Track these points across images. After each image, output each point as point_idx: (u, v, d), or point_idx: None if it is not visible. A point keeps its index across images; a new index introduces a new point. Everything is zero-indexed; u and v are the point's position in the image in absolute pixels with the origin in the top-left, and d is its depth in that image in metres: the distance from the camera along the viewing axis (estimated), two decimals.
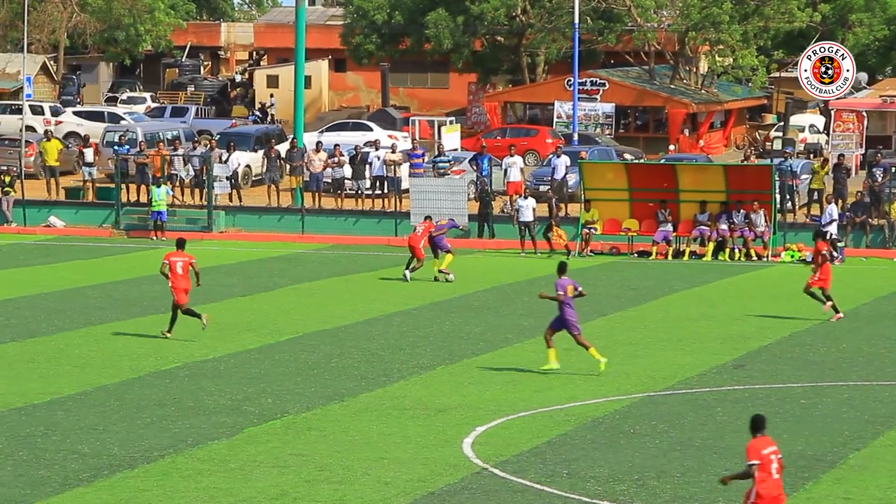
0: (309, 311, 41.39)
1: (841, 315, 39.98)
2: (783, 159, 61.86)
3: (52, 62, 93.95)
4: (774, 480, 19.86)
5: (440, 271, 46.98)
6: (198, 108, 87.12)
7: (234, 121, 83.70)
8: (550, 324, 33.09)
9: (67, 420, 28.41)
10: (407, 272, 46.59)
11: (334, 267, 50.22)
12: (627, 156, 70.56)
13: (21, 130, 69.43)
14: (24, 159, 66.89)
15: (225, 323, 39.26)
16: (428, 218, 48.62)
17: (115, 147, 63.86)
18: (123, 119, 78.31)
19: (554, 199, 56.54)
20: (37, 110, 79.26)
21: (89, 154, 63.45)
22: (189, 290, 36.80)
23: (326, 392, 31.08)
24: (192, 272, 36.78)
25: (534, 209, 54.71)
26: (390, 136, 74.39)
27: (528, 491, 23.96)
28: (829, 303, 40.17)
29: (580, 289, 33.02)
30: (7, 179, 61.11)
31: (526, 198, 55.29)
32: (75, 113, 79.64)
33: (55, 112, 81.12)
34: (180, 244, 38.02)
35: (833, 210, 53.32)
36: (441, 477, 24.73)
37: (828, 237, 48.36)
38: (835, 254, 51.41)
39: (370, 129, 78.46)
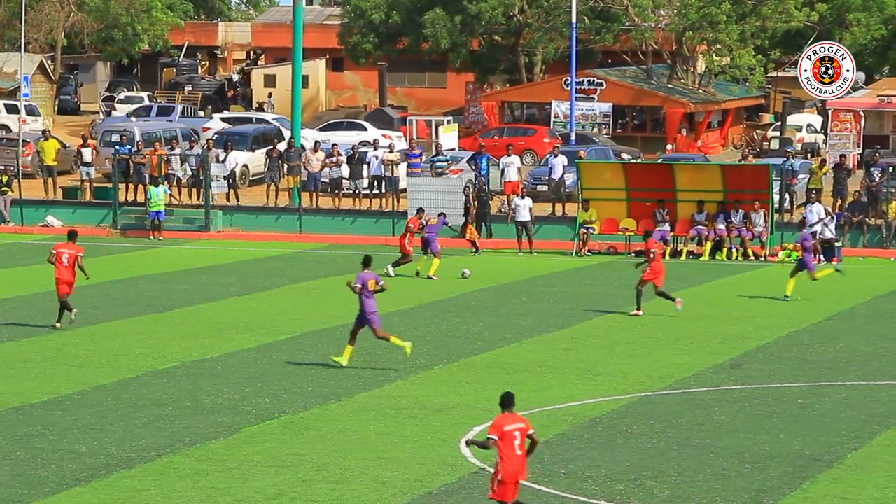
0: (306, 311, 41.40)
1: (679, 303, 40.25)
2: (785, 159, 61.87)
3: (49, 61, 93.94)
4: (517, 456, 20.57)
5: (428, 277, 46.99)
6: (184, 107, 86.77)
7: (204, 125, 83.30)
8: (356, 319, 33.36)
9: (65, 420, 28.41)
10: (389, 267, 46.81)
11: (332, 266, 50.22)
12: (625, 155, 70.62)
13: (19, 129, 69.50)
14: (22, 159, 66.91)
15: (223, 322, 39.29)
16: (420, 210, 48.72)
17: (116, 147, 63.82)
18: (271, 123, 77.84)
19: (472, 197, 56.58)
20: (12, 109, 79.25)
21: (87, 153, 63.44)
22: (73, 283, 37.20)
23: (324, 392, 31.09)
24: (78, 266, 37.18)
25: (530, 209, 54.77)
26: (385, 136, 74.43)
27: (526, 491, 23.93)
28: (662, 299, 40.42)
29: (382, 283, 33.42)
30: (4, 179, 61.11)
31: (523, 197, 55.35)
32: (223, 119, 78.84)
33: (30, 112, 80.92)
34: (71, 236, 38.45)
35: (819, 209, 53.11)
36: (438, 476, 24.74)
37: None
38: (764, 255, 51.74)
39: (365, 129, 78.52)
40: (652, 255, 40.46)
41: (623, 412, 29.66)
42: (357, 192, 62.50)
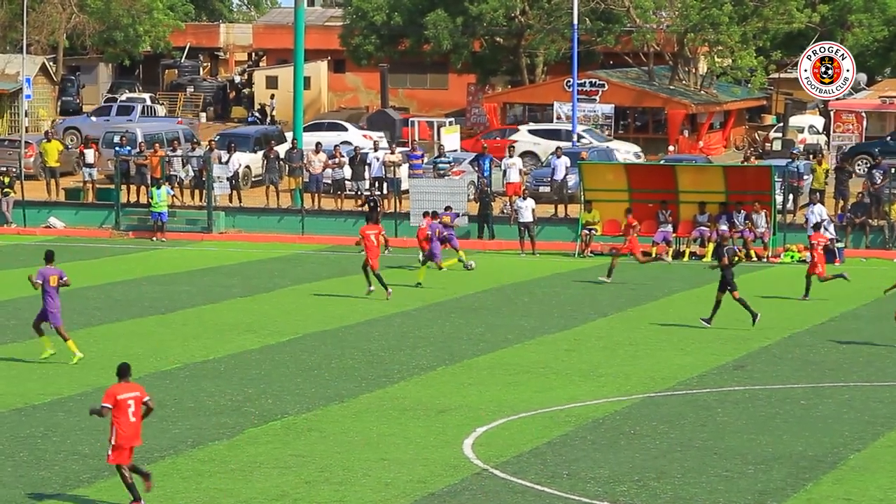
0: (309, 312, 41.40)
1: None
2: (790, 161, 61.83)
3: (51, 63, 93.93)
4: (131, 423, 22.42)
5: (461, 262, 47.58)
6: (143, 107, 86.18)
7: (179, 119, 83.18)
8: (38, 314, 33.64)
9: (68, 421, 28.42)
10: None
11: (334, 268, 50.21)
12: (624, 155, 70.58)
13: (21, 131, 69.48)
14: (24, 160, 66.91)
15: (225, 324, 39.30)
16: (428, 214, 48.66)
17: (117, 148, 63.81)
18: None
19: (376, 199, 57.82)
20: None
21: (90, 155, 63.45)
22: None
23: (327, 393, 31.10)
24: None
25: (533, 210, 54.80)
26: (365, 136, 74.61)
27: (529, 492, 23.97)
28: None
29: (65, 278, 33.41)
30: (7, 180, 61.13)
31: (525, 198, 55.35)
32: (531, 132, 78.14)
33: None
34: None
35: (821, 210, 53.17)
36: (441, 478, 24.74)
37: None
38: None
39: (346, 129, 78.62)
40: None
41: (626, 413, 29.66)
42: (359, 193, 62.51)
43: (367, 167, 62.83)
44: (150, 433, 27.44)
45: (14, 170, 63.68)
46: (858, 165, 69.59)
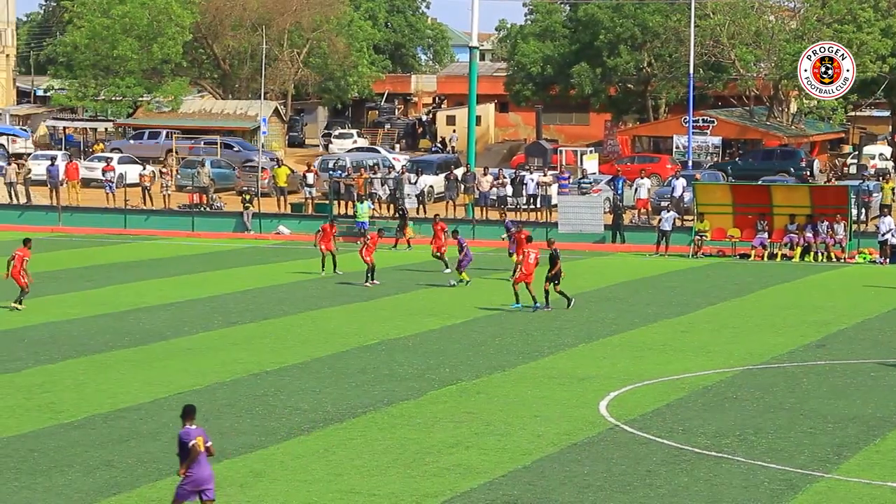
0: (477, 301, 41.39)
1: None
2: (862, 181, 60.71)
3: (281, 106, 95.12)
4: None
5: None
6: (167, 132, 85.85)
7: (190, 144, 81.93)
8: None
9: (292, 383, 28.73)
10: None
11: (498, 265, 50.18)
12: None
13: (258, 158, 70.35)
14: (261, 181, 67.80)
15: (413, 309, 39.44)
16: (437, 216, 48.07)
17: (330, 172, 64.42)
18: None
19: (405, 209, 58.13)
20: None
21: (310, 177, 64.12)
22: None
23: (492, 364, 31.10)
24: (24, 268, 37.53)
25: (674, 221, 54.51)
26: (395, 159, 75.98)
27: (651, 443, 23.80)
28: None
29: (209, 444, 28.58)
30: (248, 197, 62.02)
31: (669, 211, 55.05)
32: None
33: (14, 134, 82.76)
34: (26, 242, 38.89)
35: (889, 221, 52.35)
36: (582, 431, 24.64)
37: (886, 244, 47.76)
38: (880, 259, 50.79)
39: (378, 152, 79.40)
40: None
41: (729, 382, 29.33)
42: (518, 207, 62.50)
43: (524, 186, 62.80)
44: (354, 394, 27.67)
45: (253, 189, 64.58)
46: None
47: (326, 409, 26.27)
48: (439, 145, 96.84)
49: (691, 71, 75.97)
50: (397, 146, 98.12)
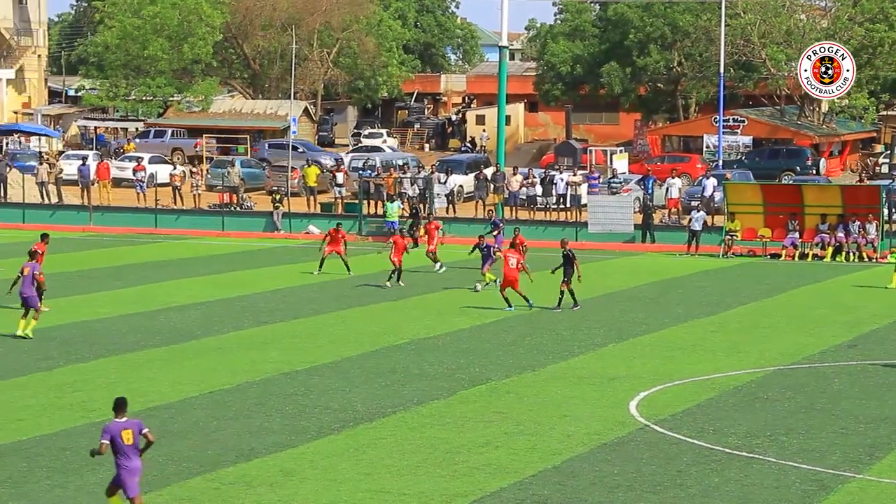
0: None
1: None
2: (892, 181, 60.45)
3: (311, 106, 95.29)
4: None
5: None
6: (172, 131, 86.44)
7: (197, 140, 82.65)
8: None
9: (322, 383, 28.77)
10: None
11: (531, 265, 50.04)
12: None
13: (288, 159, 70.48)
14: (291, 181, 67.91)
15: (443, 308, 39.43)
16: (430, 215, 46.45)
17: (360, 171, 64.52)
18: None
19: (418, 209, 57.70)
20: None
21: (340, 177, 64.22)
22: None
23: (521, 363, 31.09)
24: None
25: (705, 221, 54.39)
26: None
27: (682, 444, 23.75)
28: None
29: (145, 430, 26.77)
30: (278, 196, 62.16)
31: (699, 210, 54.92)
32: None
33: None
34: (43, 237, 38.68)
35: None
36: (612, 431, 24.61)
37: None
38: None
39: (383, 150, 79.60)
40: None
41: (760, 382, 29.24)
42: (548, 206, 62.44)
43: (553, 186, 62.74)
44: (384, 393, 27.69)
45: (283, 189, 64.69)
46: None
47: (356, 408, 26.29)
48: (469, 145, 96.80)
49: (722, 70, 75.74)
50: (426, 146, 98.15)
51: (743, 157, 73.96)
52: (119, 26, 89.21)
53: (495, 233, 47.51)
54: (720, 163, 72.82)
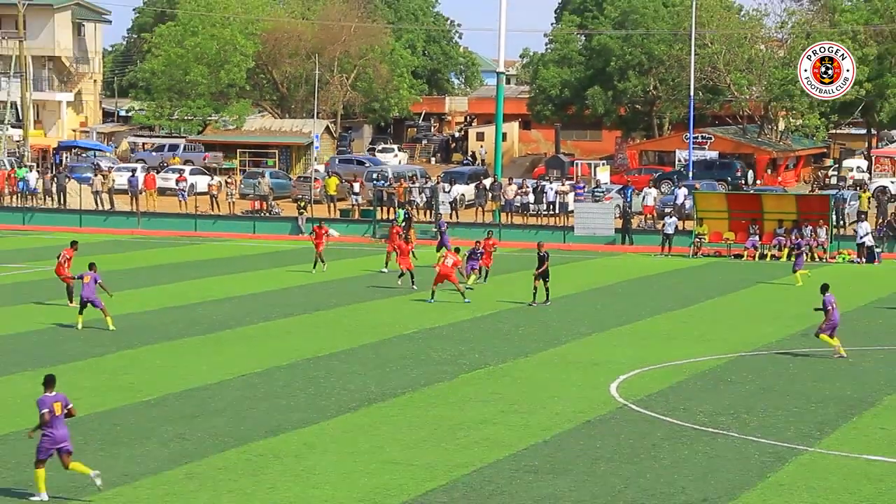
0: (502, 295, 41.30)
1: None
2: (839, 190, 60.33)
3: (332, 124, 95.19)
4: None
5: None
6: (185, 145, 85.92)
7: (206, 154, 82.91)
8: None
9: (340, 367, 28.73)
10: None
11: (524, 264, 50.03)
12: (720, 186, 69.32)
13: (311, 171, 70.38)
14: (313, 190, 67.87)
15: (446, 303, 39.34)
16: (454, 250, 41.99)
17: (374, 181, 64.44)
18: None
19: (409, 214, 56.61)
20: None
21: (357, 186, 64.16)
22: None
23: (516, 350, 31.04)
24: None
25: (676, 225, 54.31)
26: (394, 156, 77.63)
27: (656, 421, 23.72)
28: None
29: (70, 406, 20.74)
30: (302, 203, 62.09)
31: (671, 216, 54.82)
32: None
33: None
34: (73, 244, 37.87)
35: (866, 226, 52.12)
36: (595, 410, 24.57)
37: (863, 246, 47.53)
38: (858, 259, 50.47)
39: (380, 161, 79.52)
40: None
41: (724, 367, 29.20)
42: (539, 212, 62.36)
43: (544, 195, 62.66)
44: (395, 376, 27.64)
45: (307, 196, 64.63)
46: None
47: (371, 389, 26.27)
48: (470, 158, 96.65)
49: (692, 93, 75.62)
50: (433, 159, 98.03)
51: (683, 170, 73.77)
52: (164, 55, 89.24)
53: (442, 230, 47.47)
54: (690, 175, 72.68)
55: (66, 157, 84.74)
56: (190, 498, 18.62)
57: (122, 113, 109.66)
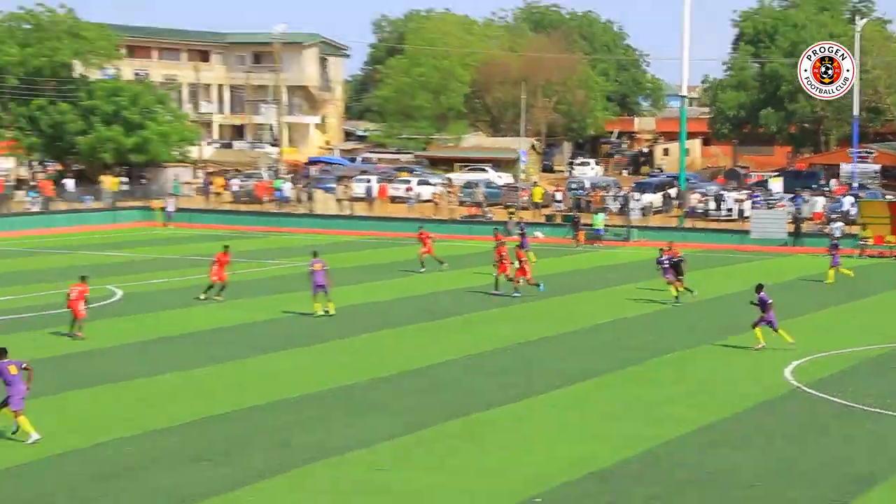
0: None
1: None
2: None
3: (537, 142, 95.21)
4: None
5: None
6: (362, 158, 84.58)
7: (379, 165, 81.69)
8: None
9: (553, 351, 28.29)
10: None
11: (707, 263, 48.65)
12: (889, 196, 66.60)
13: (517, 181, 70.33)
14: (520, 198, 67.95)
15: (617, 297, 38.65)
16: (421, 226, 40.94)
17: (574, 191, 64.11)
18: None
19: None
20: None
21: (559, 195, 63.97)
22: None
23: (699, 339, 30.15)
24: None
25: (842, 230, 52.51)
26: (499, 176, 74.14)
27: (827, 402, 22.98)
28: None
29: (24, 364, 19.99)
30: (511, 210, 62.16)
31: (836, 222, 53.03)
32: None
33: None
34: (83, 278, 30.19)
35: None
36: (771, 391, 23.99)
37: None
38: None
39: (486, 171, 76.73)
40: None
41: (891, 354, 28.08)
42: (719, 218, 61.05)
43: (723, 202, 61.35)
44: (596, 360, 27.25)
45: (516, 204, 64.73)
46: None
47: (575, 370, 26.10)
48: (657, 171, 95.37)
49: (856, 112, 72.91)
50: (625, 171, 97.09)
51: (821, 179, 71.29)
52: (394, 83, 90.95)
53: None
54: (856, 185, 70.05)
55: (314, 171, 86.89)
56: (419, 461, 18.87)
57: (360, 133, 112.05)
